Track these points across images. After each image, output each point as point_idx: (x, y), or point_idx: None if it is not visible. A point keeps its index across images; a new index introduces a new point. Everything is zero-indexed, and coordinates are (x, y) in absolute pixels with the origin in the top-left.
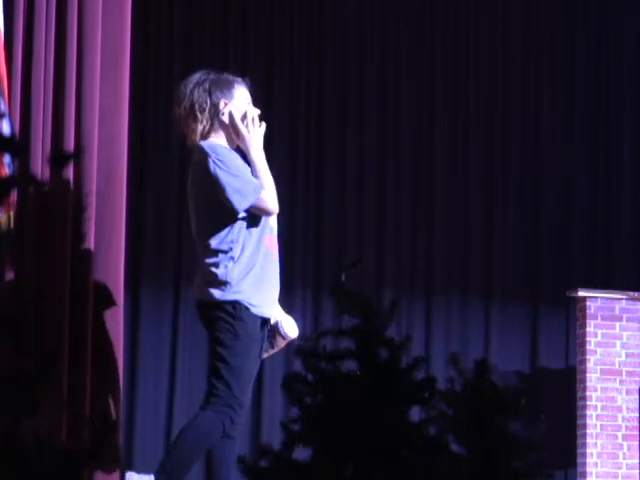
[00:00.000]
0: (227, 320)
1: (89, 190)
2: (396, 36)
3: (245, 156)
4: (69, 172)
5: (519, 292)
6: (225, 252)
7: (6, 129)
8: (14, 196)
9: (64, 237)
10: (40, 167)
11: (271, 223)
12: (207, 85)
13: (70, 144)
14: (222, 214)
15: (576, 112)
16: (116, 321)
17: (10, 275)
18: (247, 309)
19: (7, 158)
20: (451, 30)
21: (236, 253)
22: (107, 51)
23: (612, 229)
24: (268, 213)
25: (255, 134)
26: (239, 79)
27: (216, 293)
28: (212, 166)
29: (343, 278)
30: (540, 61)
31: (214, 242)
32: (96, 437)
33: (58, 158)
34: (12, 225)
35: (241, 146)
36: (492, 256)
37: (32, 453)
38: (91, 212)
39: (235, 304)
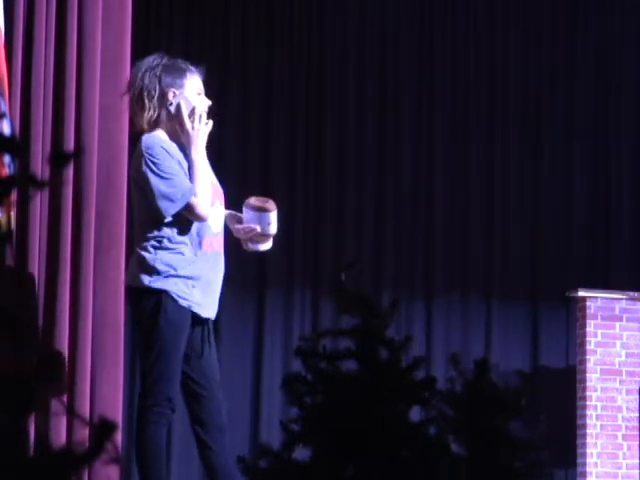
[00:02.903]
0: (152, 310)
1: (89, 190)
2: (396, 33)
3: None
4: (69, 172)
5: (519, 292)
6: (158, 240)
7: (6, 129)
8: (14, 196)
9: (65, 237)
10: (40, 167)
11: (212, 225)
12: (158, 71)
13: (70, 144)
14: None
15: (576, 112)
16: (116, 320)
17: (11, 275)
18: (174, 300)
19: (7, 158)
20: (450, 30)
21: (168, 244)
22: (107, 51)
23: (612, 229)
24: (198, 219)
25: (200, 132)
26: (192, 67)
27: (145, 279)
28: (144, 167)
29: (343, 278)
30: (540, 61)
31: (148, 230)
32: (96, 437)
33: (58, 158)
34: (12, 225)
35: (184, 142)
36: (492, 256)
37: (32, 453)
38: (92, 212)
39: (162, 293)
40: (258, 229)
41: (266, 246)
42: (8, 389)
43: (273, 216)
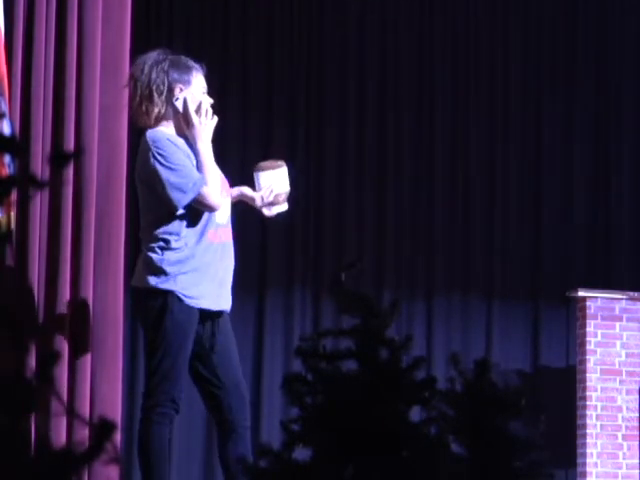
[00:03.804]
0: (157, 311)
1: (89, 190)
2: (395, 33)
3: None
4: (69, 172)
5: (520, 292)
6: (164, 240)
7: (6, 129)
8: (14, 196)
9: (65, 237)
10: (40, 167)
11: (217, 215)
12: (166, 66)
13: (70, 144)
14: (163, 206)
15: (576, 112)
16: (116, 320)
17: (11, 275)
18: (180, 300)
19: (7, 158)
20: (450, 30)
21: (174, 244)
22: (107, 51)
23: (612, 229)
24: (210, 209)
25: (206, 126)
26: (197, 65)
27: (151, 280)
28: (152, 160)
29: (343, 278)
30: (540, 61)
31: (154, 230)
32: (96, 437)
33: (58, 158)
34: (12, 225)
35: (189, 136)
36: (493, 256)
37: (32, 453)
38: (92, 212)
39: (167, 294)
40: (274, 189)
41: (282, 208)
42: (8, 389)
43: (285, 172)
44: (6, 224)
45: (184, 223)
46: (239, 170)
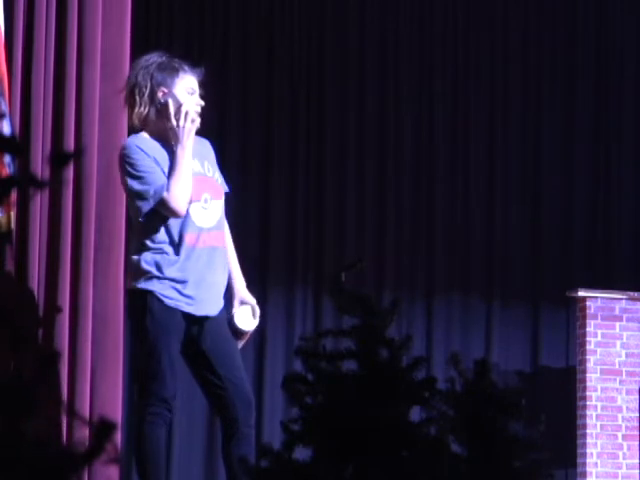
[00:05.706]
0: (139, 312)
1: (89, 190)
2: (396, 32)
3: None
4: (69, 172)
5: (519, 292)
6: (141, 243)
7: (6, 129)
8: (14, 196)
9: (65, 237)
10: (40, 167)
11: (198, 220)
12: (152, 69)
13: (70, 144)
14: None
15: (576, 112)
16: (116, 320)
17: (11, 275)
18: (160, 301)
19: (7, 158)
20: (451, 29)
21: (151, 245)
22: (107, 51)
23: (612, 229)
24: (173, 215)
25: (186, 129)
26: (187, 67)
27: (132, 280)
28: (121, 168)
29: (342, 278)
30: (540, 61)
31: (134, 233)
32: (96, 437)
33: (58, 158)
34: (12, 225)
35: (171, 139)
36: (493, 256)
37: (32, 453)
38: (92, 212)
39: (147, 294)
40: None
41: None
42: (8, 390)
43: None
44: (6, 224)
45: (158, 226)
46: (239, 171)
